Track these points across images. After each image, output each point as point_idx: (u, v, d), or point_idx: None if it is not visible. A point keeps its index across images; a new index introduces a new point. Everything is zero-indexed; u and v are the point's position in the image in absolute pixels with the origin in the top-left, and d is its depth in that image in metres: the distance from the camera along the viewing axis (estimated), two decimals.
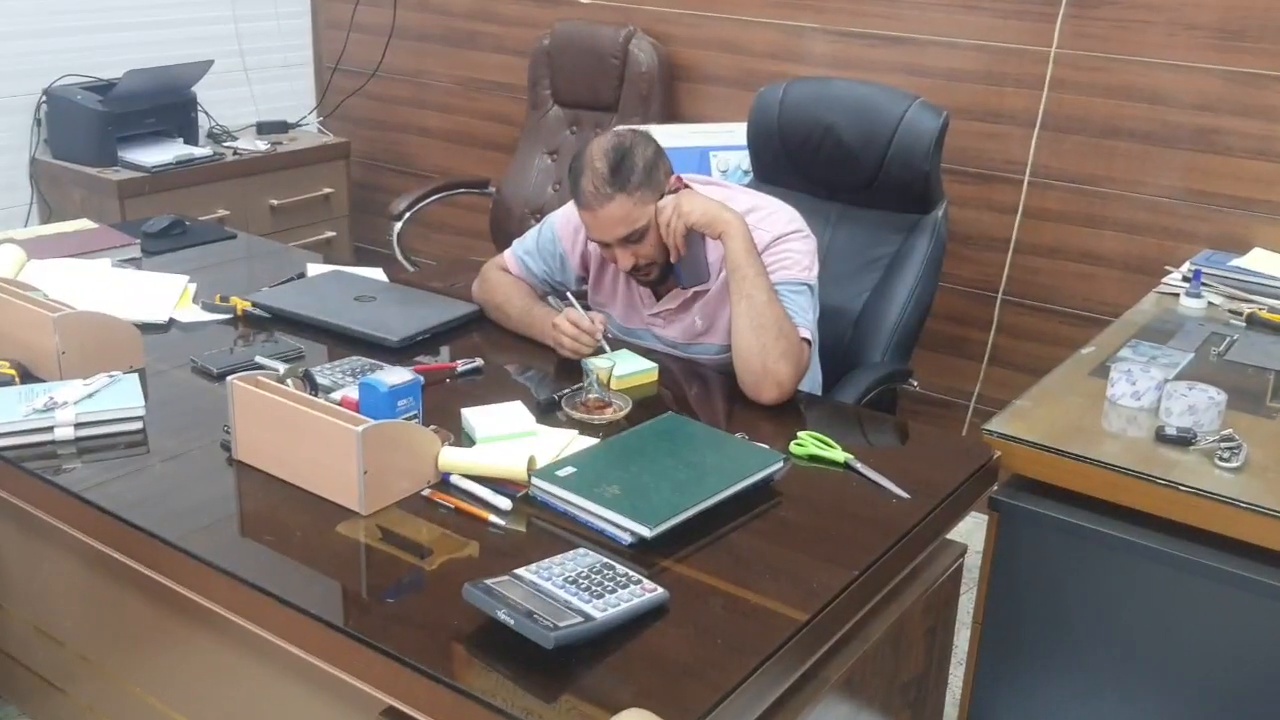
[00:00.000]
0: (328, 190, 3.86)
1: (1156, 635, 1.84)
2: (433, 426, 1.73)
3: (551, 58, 3.50)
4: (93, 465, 1.73)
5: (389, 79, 4.05)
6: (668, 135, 2.94)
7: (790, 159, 2.60)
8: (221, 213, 3.46)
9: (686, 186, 2.13)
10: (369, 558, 1.55)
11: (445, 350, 2.18)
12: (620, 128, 2.19)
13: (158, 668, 1.95)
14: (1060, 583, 1.91)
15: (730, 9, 3.30)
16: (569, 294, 2.17)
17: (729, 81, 3.35)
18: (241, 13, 3.87)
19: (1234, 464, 1.80)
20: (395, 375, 1.69)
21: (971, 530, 2.09)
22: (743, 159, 2.85)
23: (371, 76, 4.04)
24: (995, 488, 1.92)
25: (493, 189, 3.68)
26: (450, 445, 1.70)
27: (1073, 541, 1.88)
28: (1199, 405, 1.90)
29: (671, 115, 3.41)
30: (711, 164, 2.99)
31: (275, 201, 3.69)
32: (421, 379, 1.72)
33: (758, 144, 2.65)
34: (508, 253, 2.34)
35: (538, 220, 3.55)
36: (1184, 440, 1.87)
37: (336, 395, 1.78)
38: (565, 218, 2.26)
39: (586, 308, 2.15)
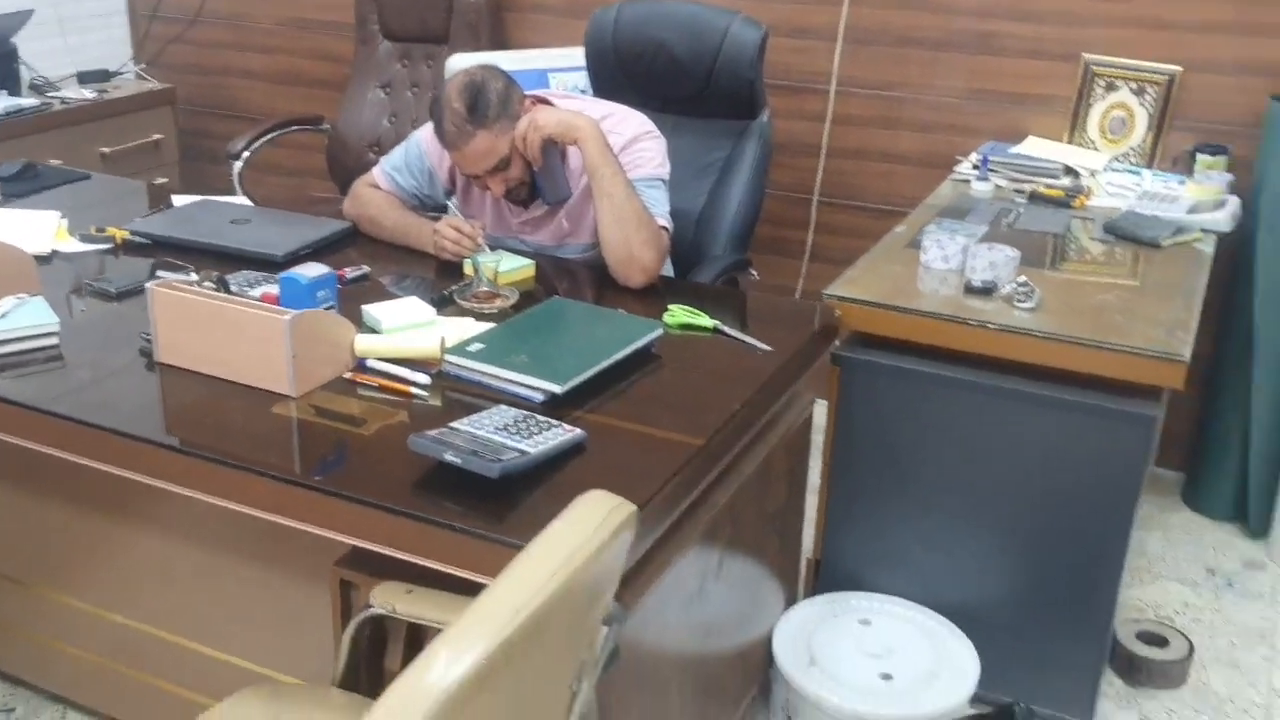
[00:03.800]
0: (157, 136, 3.85)
1: (973, 455, 2.18)
2: None
3: None
4: (17, 380, 1.82)
5: (209, 24, 4.05)
6: (508, 62, 3.12)
7: (626, 76, 2.82)
8: (54, 162, 3.41)
9: (544, 102, 2.33)
10: (308, 430, 1.71)
11: (329, 264, 2.32)
12: (469, 65, 2.35)
13: (87, 572, 2.05)
14: (893, 420, 2.23)
15: None
16: (451, 202, 2.34)
17: (556, 10, 3.54)
18: None
19: (1029, 304, 2.15)
20: (313, 269, 1.84)
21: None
22: (579, 79, 3.05)
23: (191, 23, 4.03)
24: (837, 344, 2.23)
25: (327, 126, 3.76)
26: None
27: (902, 384, 2.20)
28: (999, 261, 2.25)
29: (501, 44, 3.58)
30: (551, 85, 3.18)
31: (106, 149, 3.67)
32: (335, 273, 1.88)
33: (595, 64, 2.87)
34: (376, 170, 2.49)
35: (376, 154, 3.68)
36: (988, 290, 2.22)
37: (255, 293, 1.91)
38: (430, 134, 2.41)
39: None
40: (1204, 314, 2.76)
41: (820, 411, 2.26)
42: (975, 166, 2.92)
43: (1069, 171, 2.83)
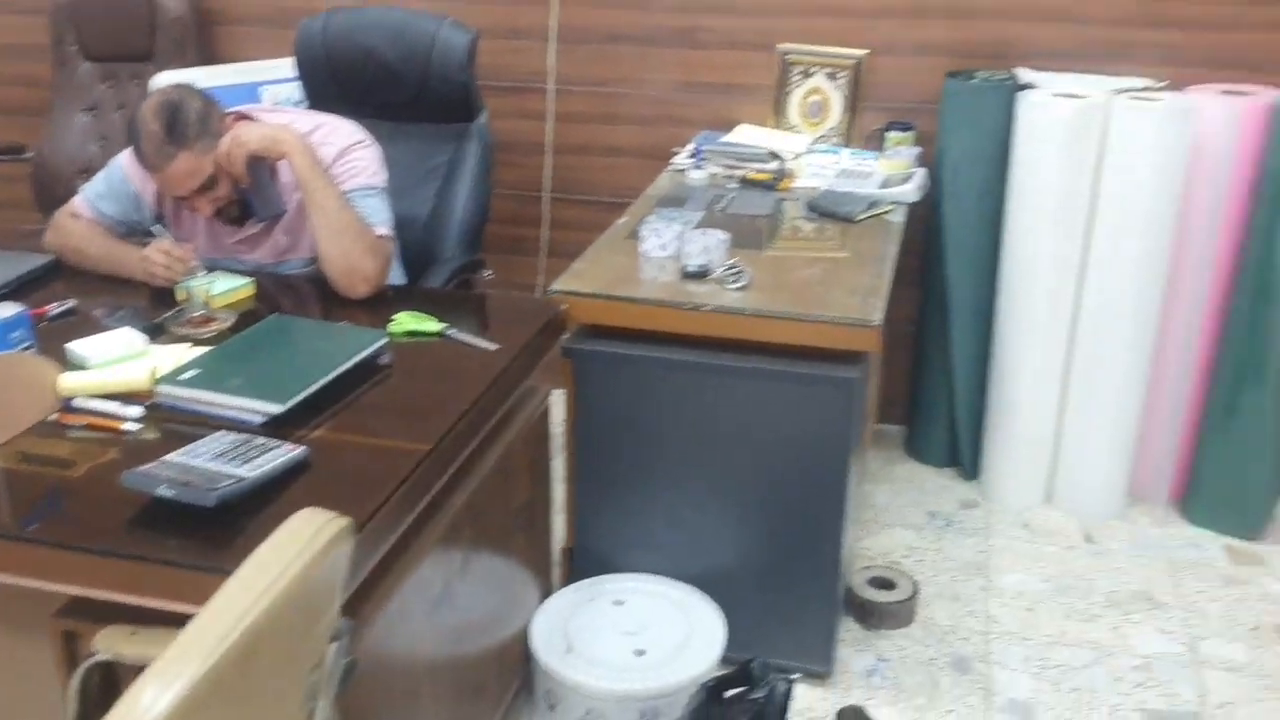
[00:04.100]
0: None
1: (702, 432, 2.29)
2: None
3: (74, 12, 3.42)
4: None
5: None
6: (215, 77, 3.04)
7: (340, 84, 2.80)
8: None
9: (247, 118, 2.29)
10: (14, 478, 1.63)
11: (31, 301, 2.20)
12: (164, 84, 2.29)
13: None
14: (627, 405, 2.32)
15: None
16: (158, 225, 2.27)
17: (264, 21, 3.46)
18: None
19: (739, 284, 2.28)
20: (3, 310, 1.75)
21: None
22: (293, 91, 3.00)
23: None
24: (567, 337, 2.29)
25: (30, 154, 3.54)
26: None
27: (632, 370, 2.29)
28: (710, 246, 2.37)
29: (211, 59, 3.47)
30: (264, 99, 3.11)
31: None
32: (29, 311, 1.79)
33: (307, 74, 2.83)
34: (78, 198, 2.38)
35: (86, 179, 3.50)
36: (702, 274, 2.33)
37: None
38: (133, 157, 2.33)
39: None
40: (907, 279, 3.00)
41: (561, 403, 2.32)
42: (691, 156, 3.05)
43: (775, 156, 2.99)
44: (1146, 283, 2.78)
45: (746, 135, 3.11)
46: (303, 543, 1.17)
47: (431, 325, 2.08)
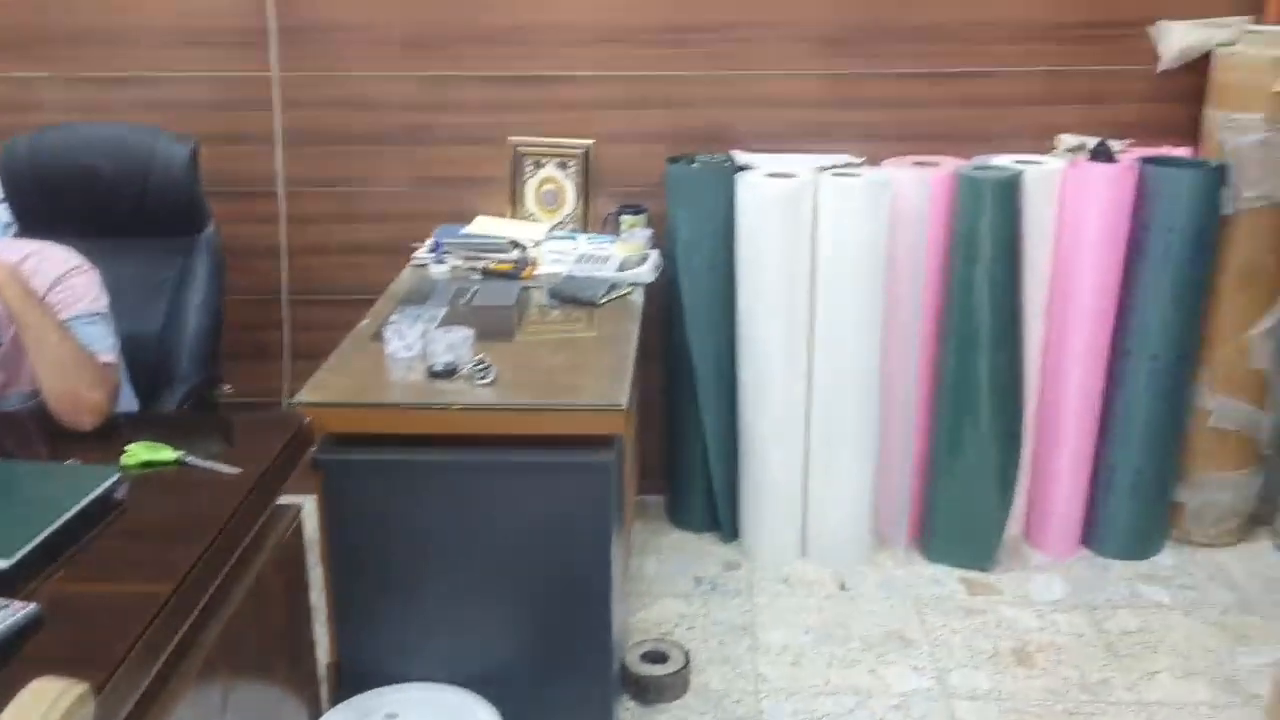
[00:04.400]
0: None
1: (465, 532, 2.29)
2: None
3: None
4: None
5: None
6: None
7: (53, 205, 2.68)
8: None
9: None
10: None
11: None
12: None
13: None
14: (385, 512, 2.29)
15: None
16: None
17: None
18: None
19: (487, 380, 2.31)
20: None
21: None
22: (2, 214, 2.84)
23: None
24: (315, 449, 2.25)
25: None
26: None
27: (386, 476, 2.27)
28: (455, 343, 2.39)
29: None
30: None
31: None
32: None
33: (17, 196, 2.70)
34: None
35: None
36: (450, 372, 2.35)
37: None
38: None
39: None
40: (654, 354, 3.11)
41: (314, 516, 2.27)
42: (431, 250, 3.07)
43: (515, 245, 3.05)
44: (865, 339, 3.00)
45: (486, 226, 3.16)
46: (39, 717, 1.10)
47: (167, 454, 2.00)
